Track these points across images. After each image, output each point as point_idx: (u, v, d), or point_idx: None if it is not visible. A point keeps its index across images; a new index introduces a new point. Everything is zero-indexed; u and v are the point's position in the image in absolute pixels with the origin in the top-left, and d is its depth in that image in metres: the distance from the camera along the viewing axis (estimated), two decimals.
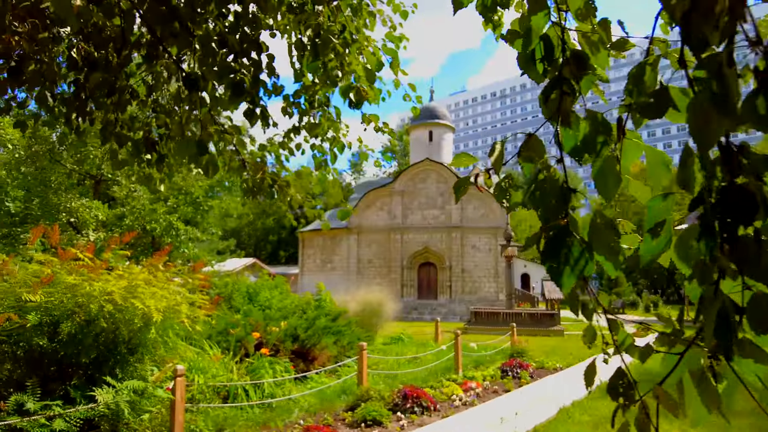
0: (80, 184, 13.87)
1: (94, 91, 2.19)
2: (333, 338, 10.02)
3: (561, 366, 11.92)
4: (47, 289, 5.32)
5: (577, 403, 7.95)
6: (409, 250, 30.12)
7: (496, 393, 9.08)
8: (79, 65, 2.24)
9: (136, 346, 5.73)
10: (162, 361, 6.00)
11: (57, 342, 5.27)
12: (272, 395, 7.32)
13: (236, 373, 7.62)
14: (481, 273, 29.29)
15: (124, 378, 5.49)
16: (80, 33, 2.14)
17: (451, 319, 27.18)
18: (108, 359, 5.57)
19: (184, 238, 12.83)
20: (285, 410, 7.04)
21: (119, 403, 4.82)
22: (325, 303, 12.05)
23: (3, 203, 11.23)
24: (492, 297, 28.87)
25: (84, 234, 11.45)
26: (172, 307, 5.48)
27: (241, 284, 11.46)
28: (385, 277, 29.17)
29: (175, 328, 6.04)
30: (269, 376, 7.58)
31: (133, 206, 12.06)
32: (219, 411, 6.48)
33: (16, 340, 5.22)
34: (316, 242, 32.50)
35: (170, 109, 2.53)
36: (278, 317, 9.53)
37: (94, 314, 5.21)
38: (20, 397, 4.76)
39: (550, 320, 19.92)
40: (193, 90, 2.10)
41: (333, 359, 10.07)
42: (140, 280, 5.40)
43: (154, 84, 2.47)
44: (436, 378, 9.74)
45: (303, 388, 8.19)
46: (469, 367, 11.27)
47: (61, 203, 11.43)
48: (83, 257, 5.74)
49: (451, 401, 8.18)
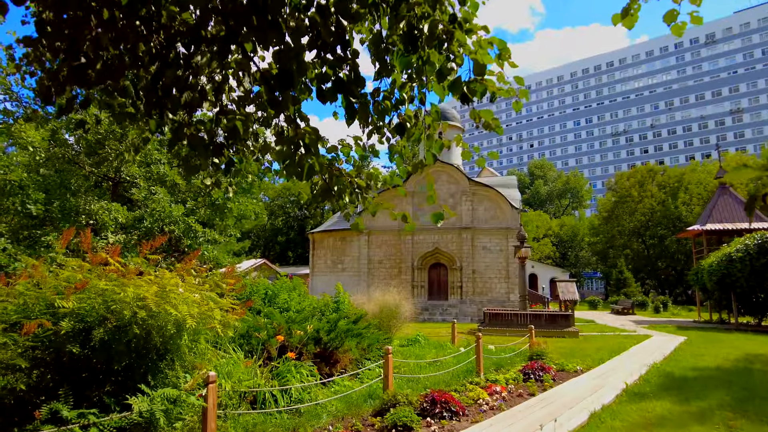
0: (98, 187, 13.86)
1: (168, 87, 2.09)
2: (355, 341, 9.92)
3: (582, 368, 11.77)
4: (79, 295, 5.24)
5: (606, 407, 7.82)
6: (419, 251, 30.00)
7: (522, 397, 8.96)
8: (145, 62, 2.14)
9: (167, 352, 5.65)
10: (192, 367, 5.92)
11: (89, 348, 5.20)
12: (300, 400, 7.23)
13: (261, 377, 7.53)
14: (491, 274, 29.13)
15: (156, 385, 5.42)
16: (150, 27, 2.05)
17: (462, 320, 27.05)
18: (139, 366, 5.49)
19: (203, 240, 12.80)
20: (313, 415, 6.95)
21: (155, 411, 4.74)
22: (343, 305, 11.96)
23: (24, 206, 11.24)
24: (502, 298, 28.71)
25: (103, 236, 11.41)
26: (204, 313, 5.39)
27: (260, 286, 11.38)
28: (396, 278, 29.05)
29: (207, 334, 5.95)
30: (296, 380, 7.49)
31: (153, 208, 12.02)
32: (248, 417, 6.40)
33: (48, 346, 5.15)
34: (327, 243, 32.43)
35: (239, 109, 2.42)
36: (299, 320, 9.44)
37: (126, 320, 5.13)
38: (55, 405, 4.69)
39: (564, 321, 19.75)
40: (285, 88, 1.98)
41: (354, 362, 9.98)
42: (172, 284, 5.32)
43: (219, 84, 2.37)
44: (458, 381, 9.63)
45: (328, 392, 8.10)
46: (490, 369, 11.14)
47: (80, 205, 11.40)
48: (113, 262, 5.68)
49: (478, 405, 8.06)
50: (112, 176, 13.40)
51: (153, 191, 12.42)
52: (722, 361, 12.49)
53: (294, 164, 2.15)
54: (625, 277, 47.65)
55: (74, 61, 2.00)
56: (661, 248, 51.55)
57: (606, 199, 61.60)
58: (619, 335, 19.58)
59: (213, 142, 2.37)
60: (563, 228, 66.82)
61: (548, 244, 60.93)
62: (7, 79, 12.14)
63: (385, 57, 2.21)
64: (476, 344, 10.69)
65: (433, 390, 7.95)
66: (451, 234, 29.75)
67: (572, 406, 7.89)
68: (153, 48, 2.12)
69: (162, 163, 13.57)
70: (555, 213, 79.04)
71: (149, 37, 2.07)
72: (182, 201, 13.35)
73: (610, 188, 63.71)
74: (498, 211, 29.78)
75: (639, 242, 53.96)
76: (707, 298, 26.26)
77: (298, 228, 61.31)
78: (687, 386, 9.35)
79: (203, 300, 5.51)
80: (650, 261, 52.77)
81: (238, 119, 2.34)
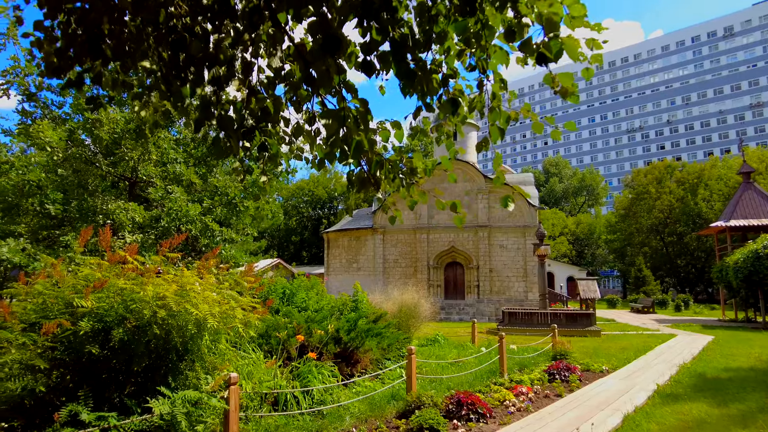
0: (115, 186, 13.84)
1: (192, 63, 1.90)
2: (375, 341, 9.71)
3: (608, 369, 11.43)
4: (97, 294, 5.11)
5: (640, 409, 7.52)
6: (435, 250, 29.71)
7: (548, 398, 8.68)
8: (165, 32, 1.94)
9: (187, 352, 5.49)
10: (212, 367, 5.76)
11: (108, 349, 5.06)
12: (322, 401, 7.04)
13: (282, 377, 7.35)
14: (509, 272, 28.73)
15: (176, 386, 5.26)
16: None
17: (480, 319, 26.71)
18: (159, 367, 5.34)
19: (220, 239, 12.69)
20: (336, 417, 6.75)
21: (176, 414, 4.58)
22: (362, 304, 11.75)
23: (43, 206, 11.24)
24: (521, 297, 28.30)
25: (120, 236, 11.35)
26: (225, 312, 5.22)
27: (278, 285, 11.23)
28: (412, 278, 28.79)
29: (228, 334, 5.78)
30: (317, 381, 7.30)
31: (170, 208, 11.93)
32: (270, 419, 6.23)
33: (67, 347, 5.02)
34: (342, 242, 32.30)
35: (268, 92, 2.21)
36: (319, 319, 9.26)
37: (146, 320, 4.98)
38: (74, 408, 4.55)
39: (586, 320, 19.34)
40: (332, 53, 1.77)
41: (375, 362, 9.77)
42: (192, 283, 5.16)
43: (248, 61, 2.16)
44: (482, 382, 9.38)
45: (350, 393, 7.91)
46: (514, 369, 10.86)
47: (97, 205, 11.35)
48: (132, 260, 5.53)
49: (505, 407, 7.81)
50: (129, 176, 13.36)
51: (170, 190, 12.34)
52: (755, 361, 12.04)
53: (339, 141, 1.93)
54: (644, 275, 46.76)
55: (88, 31, 1.82)
56: (681, 245, 50.56)
57: (623, 196, 60.60)
58: (643, 334, 19.12)
59: (243, 124, 2.18)
60: (579, 226, 65.94)
61: (564, 243, 60.15)
62: (25, 79, 12.15)
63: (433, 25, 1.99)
64: (499, 344, 10.42)
65: (458, 391, 7.71)
66: (467, 232, 29.42)
67: (603, 408, 7.59)
68: (176, 18, 1.93)
69: (178, 162, 13.50)
70: (571, 211, 78.11)
71: (172, 3, 1.89)
72: (199, 200, 13.26)
73: (626, 185, 62.68)
74: (515, 209, 29.37)
75: (657, 239, 52.97)
76: (732, 296, 25.59)
77: (312, 228, 61.36)
78: (722, 388, 8.98)
79: (224, 299, 5.34)
80: (669, 258, 51.79)
81: (269, 99, 2.14)
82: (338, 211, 61.14)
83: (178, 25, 1.96)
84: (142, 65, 2.06)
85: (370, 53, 1.92)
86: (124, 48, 1.95)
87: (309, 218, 62.10)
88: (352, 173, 2.41)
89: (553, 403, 8.20)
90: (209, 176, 13.68)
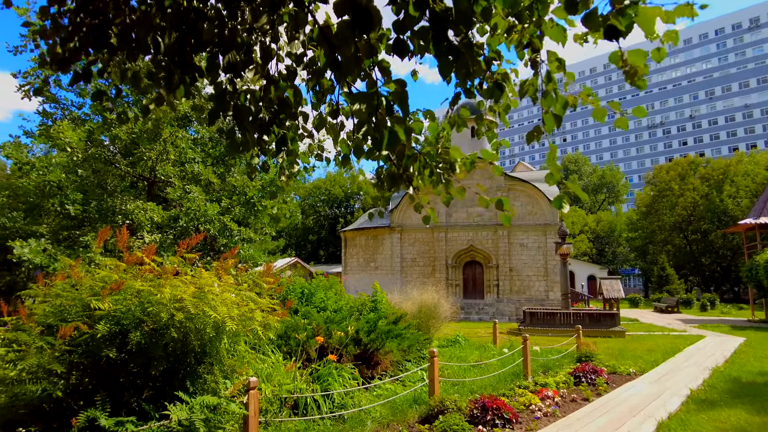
0: (134, 187, 13.87)
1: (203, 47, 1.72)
2: (396, 342, 9.50)
3: (635, 371, 11.07)
4: (114, 297, 5.00)
5: (674, 416, 7.18)
6: (453, 249, 29.38)
7: (576, 402, 8.39)
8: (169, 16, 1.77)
9: (205, 356, 5.36)
10: (231, 370, 5.62)
11: (125, 353, 4.95)
12: (343, 405, 6.86)
13: (301, 380, 7.20)
14: (530, 272, 28.26)
15: (195, 391, 5.13)
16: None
17: (500, 319, 26.32)
18: (177, 371, 5.22)
19: (238, 239, 12.62)
20: (357, 422, 6.57)
21: (194, 421, 4.44)
22: (381, 305, 11.56)
23: (63, 206, 11.29)
24: (541, 296, 27.82)
25: (139, 236, 11.34)
26: (244, 314, 5.07)
27: (296, 285, 11.10)
28: (430, 277, 28.52)
29: (247, 337, 5.64)
30: (338, 384, 7.12)
31: (188, 207, 11.89)
32: (290, 424, 6.07)
33: (85, 350, 4.93)
34: (359, 241, 32.16)
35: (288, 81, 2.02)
36: (338, 320, 9.09)
37: (163, 323, 4.86)
38: (92, 413, 4.45)
39: (610, 320, 18.87)
40: (364, 31, 1.56)
41: (395, 364, 9.57)
42: (210, 285, 5.01)
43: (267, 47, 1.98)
44: (506, 385, 9.12)
45: (370, 397, 7.73)
46: (537, 372, 10.57)
47: (116, 205, 11.37)
48: (149, 261, 5.42)
49: (531, 411, 7.54)
50: (148, 176, 13.38)
51: (188, 190, 12.30)
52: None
53: (371, 130, 1.72)
54: (667, 274, 45.66)
55: (91, 19, 1.66)
56: (705, 243, 49.30)
57: (644, 193, 59.32)
58: (669, 335, 18.58)
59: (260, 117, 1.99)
60: (600, 224, 64.81)
61: (585, 241, 59.17)
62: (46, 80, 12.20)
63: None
64: (524, 345, 10.14)
65: (482, 395, 7.47)
66: (486, 231, 29.04)
67: (635, 414, 7.28)
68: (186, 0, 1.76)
69: (196, 162, 13.47)
70: (591, 208, 76.87)
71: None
72: (217, 200, 13.21)
73: (648, 182, 61.38)
74: (535, 207, 28.90)
75: (681, 237, 51.75)
76: (762, 296, 24.78)
77: (328, 227, 61.45)
78: (760, 393, 8.57)
79: (242, 300, 5.19)
80: (693, 257, 50.55)
81: (289, 88, 1.95)
82: (355, 210, 61.10)
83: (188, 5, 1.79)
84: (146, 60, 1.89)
85: (404, 32, 1.71)
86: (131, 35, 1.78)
87: (326, 217, 62.22)
88: (381, 169, 2.21)
89: (581, 408, 7.91)
90: (227, 176, 13.63)
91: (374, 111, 1.66)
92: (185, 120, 14.01)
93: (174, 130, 12.85)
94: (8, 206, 13.21)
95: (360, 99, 1.66)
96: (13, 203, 13.10)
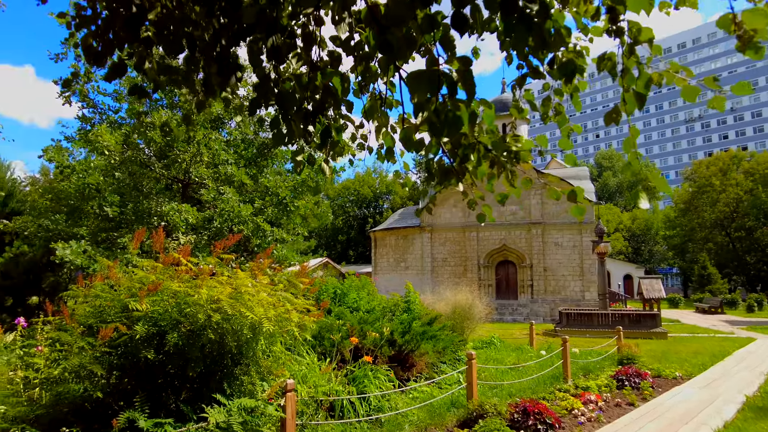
0: (168, 189, 14.11)
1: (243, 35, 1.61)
2: (431, 344, 9.32)
3: (682, 375, 10.57)
4: (152, 298, 5.00)
5: (730, 424, 6.77)
6: (485, 248, 28.92)
7: (620, 407, 8.03)
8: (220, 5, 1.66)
9: (242, 357, 5.31)
10: (267, 372, 5.56)
11: (163, 354, 4.94)
12: (379, 408, 6.72)
13: (337, 382, 7.10)
14: (565, 271, 27.57)
15: (232, 393, 5.08)
16: None
17: (534, 320, 25.66)
18: (214, 372, 5.18)
19: (271, 239, 12.68)
20: (394, 425, 6.42)
21: (232, 424, 4.38)
22: (414, 305, 11.38)
23: (101, 208, 11.57)
24: (577, 297, 27.10)
25: (174, 237, 11.50)
26: (281, 315, 4.99)
27: (329, 285, 11.03)
28: (461, 277, 28.15)
29: (284, 338, 5.57)
30: (374, 386, 6.99)
31: (222, 209, 12.01)
32: (326, 427, 5.97)
33: (124, 351, 4.94)
34: (389, 241, 32.03)
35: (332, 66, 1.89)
36: (371, 320, 8.96)
37: (200, 324, 4.82)
38: (131, 414, 4.44)
39: (651, 321, 18.20)
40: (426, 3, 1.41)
41: (430, 366, 9.39)
42: (246, 285, 4.95)
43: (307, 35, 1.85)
44: (545, 388, 8.83)
45: (407, 399, 7.57)
46: (578, 375, 10.21)
47: (152, 207, 11.57)
48: (185, 261, 5.40)
49: (574, 416, 7.25)
50: (182, 178, 13.58)
51: (221, 191, 12.43)
52: None
53: (432, 114, 1.56)
54: (709, 273, 43.88)
55: (126, 10, 1.57)
56: (750, 241, 47.21)
57: (683, 189, 57.22)
58: (714, 337, 17.78)
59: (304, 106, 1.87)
60: (635, 221, 62.89)
61: (620, 239, 57.52)
62: (84, 86, 12.53)
63: None
64: (563, 347, 9.81)
65: (523, 399, 7.23)
66: (519, 230, 28.48)
67: (687, 422, 6.89)
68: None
69: (229, 164, 13.60)
70: (625, 206, 74.72)
71: None
72: (250, 200, 13.31)
73: (686, 178, 59.18)
74: (569, 205, 28.17)
75: (723, 235, 49.71)
76: None
77: (357, 227, 61.62)
78: None
79: (279, 301, 5.11)
80: (737, 255, 48.47)
81: (335, 75, 1.82)
82: (384, 210, 61.06)
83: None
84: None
85: (464, 6, 1.54)
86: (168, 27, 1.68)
87: (355, 217, 62.43)
88: (432, 161, 2.05)
89: (627, 413, 7.56)
90: (260, 177, 13.72)
91: (436, 92, 1.50)
92: (218, 122, 14.20)
93: (207, 132, 13.03)
94: (51, 209, 13.62)
95: (418, 77, 1.50)
96: (56, 206, 13.51)
